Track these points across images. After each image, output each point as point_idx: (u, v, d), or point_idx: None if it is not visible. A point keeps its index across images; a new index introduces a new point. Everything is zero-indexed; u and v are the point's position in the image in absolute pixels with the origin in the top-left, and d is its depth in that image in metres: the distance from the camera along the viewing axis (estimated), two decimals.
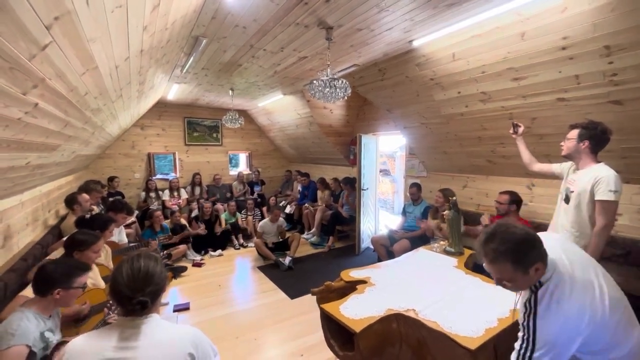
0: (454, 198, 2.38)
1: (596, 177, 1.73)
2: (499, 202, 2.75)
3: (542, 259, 1.02)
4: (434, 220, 3.38)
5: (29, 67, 0.94)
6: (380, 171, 6.57)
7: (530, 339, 1.00)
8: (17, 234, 2.22)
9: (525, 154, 2.27)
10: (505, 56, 2.37)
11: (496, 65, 2.47)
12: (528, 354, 1.00)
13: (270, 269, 4.00)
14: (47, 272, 1.41)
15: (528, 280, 1.03)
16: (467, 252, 2.31)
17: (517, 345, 1.05)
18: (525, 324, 1.03)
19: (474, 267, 2.26)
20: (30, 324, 1.31)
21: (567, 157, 1.93)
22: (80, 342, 0.97)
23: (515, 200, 2.73)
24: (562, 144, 1.93)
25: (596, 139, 1.78)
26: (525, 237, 1.01)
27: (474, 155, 3.46)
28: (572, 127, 1.87)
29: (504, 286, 1.06)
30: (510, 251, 1.00)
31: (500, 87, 2.61)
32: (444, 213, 2.33)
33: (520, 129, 2.24)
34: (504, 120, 2.84)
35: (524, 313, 1.05)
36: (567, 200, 1.91)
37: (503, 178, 3.37)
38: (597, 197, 1.72)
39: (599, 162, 1.81)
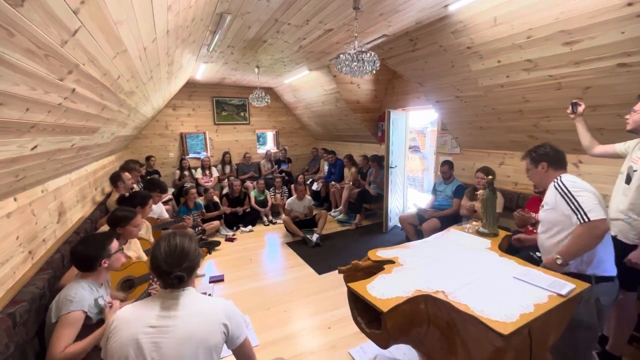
0: (490, 177, 2.24)
1: None
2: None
3: (550, 162, 1.69)
4: (470, 202, 3.23)
5: (62, 53, 0.97)
6: (410, 148, 6.34)
7: (576, 202, 1.50)
8: (70, 210, 2.43)
9: (586, 137, 2.02)
10: (557, 17, 2.10)
11: (545, 28, 2.20)
12: (582, 212, 1.47)
13: (299, 245, 4.12)
14: (83, 254, 1.53)
15: (538, 175, 1.75)
16: (502, 233, 2.20)
17: (573, 214, 1.50)
18: (571, 198, 1.52)
19: (509, 249, 2.15)
20: (85, 292, 1.46)
21: (633, 132, 1.72)
22: (127, 311, 1.05)
23: None
24: (627, 117, 1.71)
25: None
26: (546, 150, 1.73)
27: (514, 130, 3.20)
28: None
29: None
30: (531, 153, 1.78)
31: (549, 54, 2.34)
32: (478, 193, 2.21)
33: (581, 108, 1.99)
34: (550, 91, 2.58)
35: (564, 199, 1.55)
36: (628, 180, 1.72)
37: None
38: None
39: None
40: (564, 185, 1.56)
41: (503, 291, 1.44)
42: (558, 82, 2.47)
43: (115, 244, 1.65)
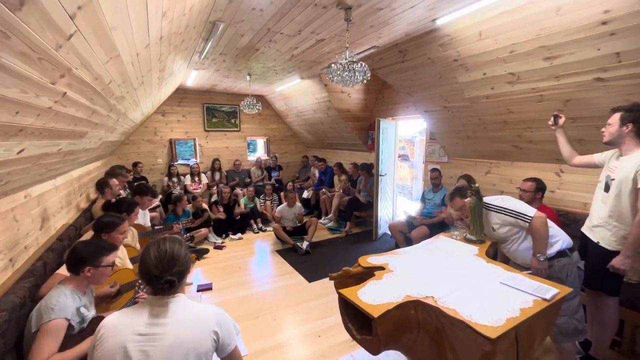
0: (477, 185, 2.31)
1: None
2: (523, 190, 2.65)
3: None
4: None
5: (56, 57, 0.97)
6: (399, 156, 6.44)
7: (511, 210, 1.85)
8: (53, 216, 2.36)
9: (566, 148, 2.12)
10: (537, 33, 2.21)
11: (527, 43, 2.32)
12: (521, 215, 1.81)
13: (289, 253, 4.09)
14: (77, 252, 1.52)
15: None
16: (489, 240, 2.25)
17: (518, 220, 1.82)
18: (506, 210, 1.88)
19: (495, 255, 2.20)
20: (67, 299, 1.41)
21: (610, 144, 1.82)
22: (114, 319, 1.03)
23: (541, 187, 2.62)
24: (603, 129, 1.81)
25: None
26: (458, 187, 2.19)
27: (499, 140, 3.31)
28: (614, 110, 1.75)
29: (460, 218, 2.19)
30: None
31: (531, 68, 2.45)
32: (466, 200, 2.26)
33: (561, 120, 2.10)
34: (532, 103, 2.69)
35: (502, 213, 1.91)
36: (606, 188, 1.81)
37: (529, 164, 3.22)
38: (639, 185, 1.62)
39: None
40: (492, 205, 1.97)
41: (490, 296, 1.47)
42: (540, 94, 2.59)
43: (110, 259, 1.59)
